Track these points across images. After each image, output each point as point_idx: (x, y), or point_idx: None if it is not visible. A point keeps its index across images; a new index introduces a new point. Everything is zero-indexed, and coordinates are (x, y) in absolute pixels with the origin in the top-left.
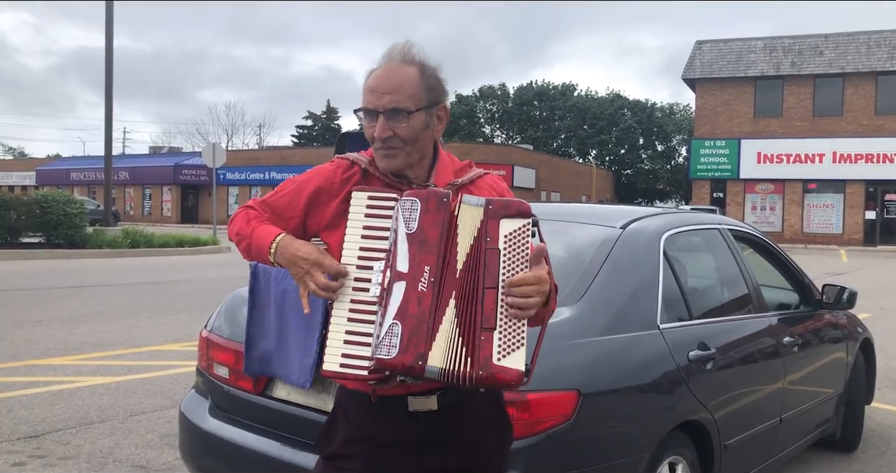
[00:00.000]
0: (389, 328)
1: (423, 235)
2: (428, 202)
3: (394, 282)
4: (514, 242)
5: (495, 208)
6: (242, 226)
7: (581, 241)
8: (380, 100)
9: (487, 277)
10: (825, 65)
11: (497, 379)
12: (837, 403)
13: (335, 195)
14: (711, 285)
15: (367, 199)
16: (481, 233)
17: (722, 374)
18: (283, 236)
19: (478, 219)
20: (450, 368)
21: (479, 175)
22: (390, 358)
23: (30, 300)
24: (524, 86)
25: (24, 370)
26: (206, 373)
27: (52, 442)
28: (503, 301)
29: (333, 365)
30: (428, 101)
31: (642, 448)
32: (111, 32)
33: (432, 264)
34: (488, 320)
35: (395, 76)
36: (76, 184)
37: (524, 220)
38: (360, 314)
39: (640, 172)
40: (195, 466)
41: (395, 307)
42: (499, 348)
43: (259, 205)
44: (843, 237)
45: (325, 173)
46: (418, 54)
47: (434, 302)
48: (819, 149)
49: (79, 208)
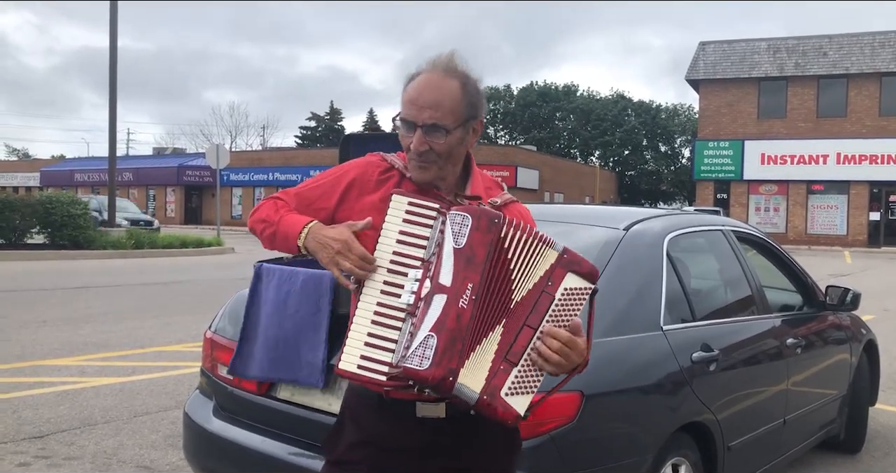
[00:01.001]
0: (424, 339)
1: (472, 252)
2: (480, 220)
3: (434, 294)
4: (570, 298)
5: (569, 260)
6: (271, 214)
7: (584, 243)
8: (420, 114)
9: (532, 316)
10: (829, 66)
11: (496, 411)
12: (841, 405)
13: (370, 192)
14: (715, 286)
15: (406, 205)
16: (546, 275)
17: (725, 376)
18: (315, 223)
19: (549, 262)
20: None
21: (511, 200)
22: (421, 370)
23: (34, 300)
24: (527, 86)
25: (29, 370)
26: (210, 374)
27: (57, 443)
28: (534, 344)
29: (350, 366)
30: (467, 116)
31: (645, 450)
32: (115, 34)
33: (476, 282)
34: (515, 355)
35: (437, 90)
36: (80, 185)
37: (588, 284)
38: (385, 318)
39: (644, 173)
40: (199, 467)
41: (432, 319)
42: (511, 384)
43: (289, 197)
44: (846, 238)
45: (361, 167)
46: (462, 66)
47: (473, 321)
48: (823, 151)
49: (83, 209)
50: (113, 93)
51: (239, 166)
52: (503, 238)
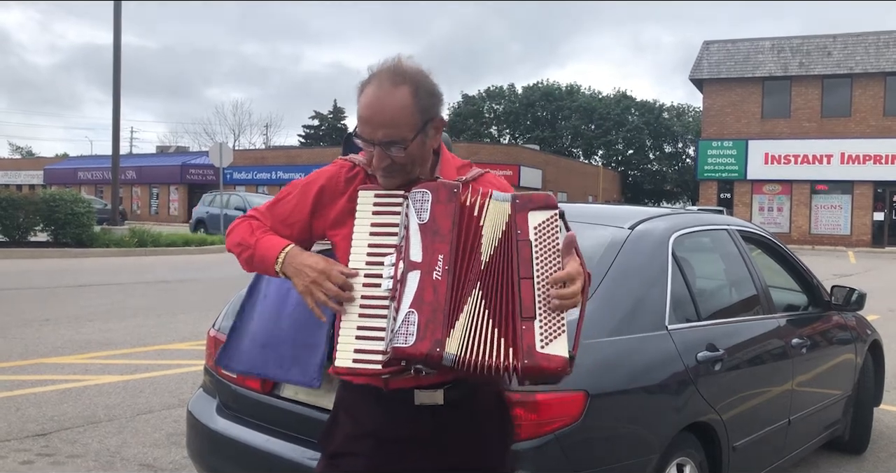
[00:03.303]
0: (406, 317)
1: (436, 225)
2: (438, 193)
3: (408, 272)
4: (545, 233)
5: (522, 201)
6: (246, 236)
7: (589, 242)
8: (374, 133)
9: (522, 268)
10: (833, 65)
11: (542, 367)
12: (846, 405)
13: (340, 194)
14: (720, 286)
15: (373, 197)
16: (511, 226)
17: (730, 375)
18: (292, 247)
19: (506, 213)
20: (473, 357)
21: (480, 173)
22: (407, 347)
23: (38, 298)
24: (531, 86)
25: (33, 368)
26: (214, 373)
27: (60, 441)
28: (541, 292)
29: (346, 361)
30: (423, 122)
31: (650, 449)
32: (119, 33)
33: (446, 253)
34: (528, 309)
35: (388, 108)
36: (84, 184)
37: (551, 211)
38: (371, 309)
39: (648, 173)
40: (203, 465)
41: (410, 296)
42: (541, 336)
43: (262, 214)
44: (850, 238)
45: (328, 173)
46: (408, 69)
47: (450, 290)
48: (827, 150)
49: (86, 207)
50: (117, 91)
51: (242, 165)
52: (464, 205)
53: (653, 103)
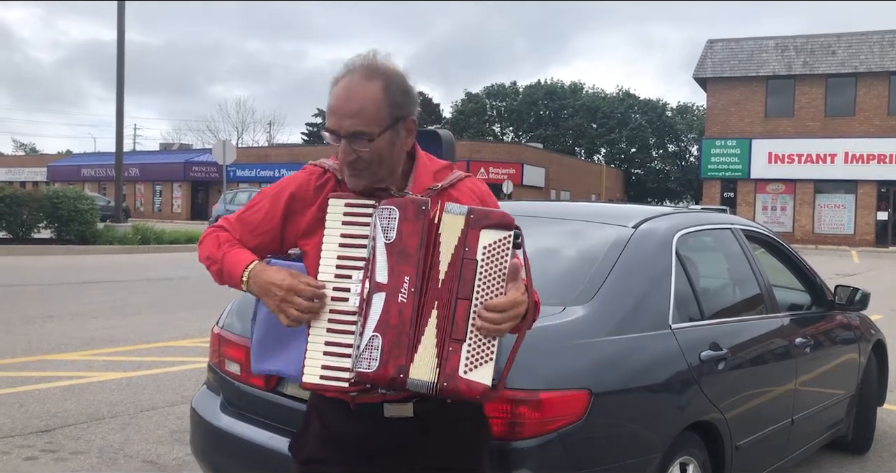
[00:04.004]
0: (370, 341)
1: (402, 244)
2: (406, 210)
3: (373, 294)
4: (493, 254)
5: (476, 217)
6: (213, 250)
7: (593, 241)
8: (340, 124)
9: (462, 288)
10: (837, 64)
11: (460, 392)
12: (849, 405)
13: (310, 203)
14: (723, 285)
15: (343, 206)
16: (461, 243)
17: (733, 375)
18: (256, 264)
19: (459, 228)
20: (429, 379)
21: (459, 178)
22: (370, 372)
23: (41, 295)
24: (533, 84)
25: (36, 365)
26: (217, 370)
27: (64, 437)
28: (475, 315)
29: (313, 378)
30: (392, 119)
31: (653, 448)
32: (122, 31)
33: (412, 274)
34: (458, 331)
35: (357, 98)
36: (87, 181)
37: (505, 232)
38: (339, 324)
39: (651, 172)
40: (206, 462)
41: (374, 319)
42: (466, 361)
43: (231, 224)
44: (854, 238)
45: (298, 181)
46: (383, 66)
47: (415, 313)
48: (831, 150)
49: (90, 204)
50: (120, 88)
51: (245, 162)
52: (437, 223)
53: (656, 102)
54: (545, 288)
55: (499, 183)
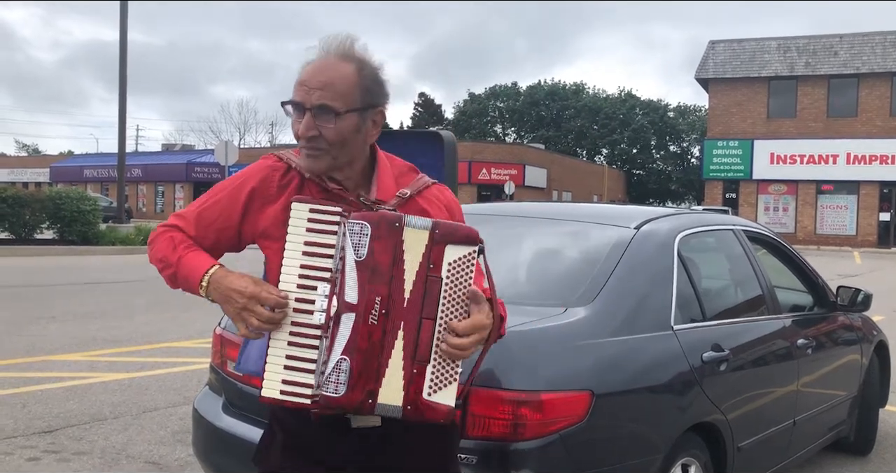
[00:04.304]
0: (337, 364)
1: (374, 262)
2: (379, 227)
3: (342, 314)
4: (458, 271)
5: (442, 233)
6: (167, 253)
7: (595, 242)
8: (308, 96)
9: (426, 307)
10: (840, 65)
11: (424, 415)
12: (851, 406)
13: (271, 201)
14: (725, 286)
15: (308, 212)
16: (425, 259)
17: (735, 376)
18: (217, 269)
19: (423, 244)
20: (398, 404)
21: (426, 185)
22: (339, 396)
23: (44, 296)
24: (535, 84)
25: (39, 365)
26: (219, 370)
27: (67, 438)
28: (440, 336)
29: (273, 392)
30: (362, 103)
31: (655, 450)
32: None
33: (384, 295)
34: (422, 353)
35: (330, 71)
36: (89, 181)
37: (470, 248)
38: (301, 337)
39: (653, 173)
40: (208, 463)
41: (342, 341)
42: (430, 383)
43: (186, 221)
44: (856, 239)
45: (259, 174)
46: (359, 51)
47: (383, 336)
48: (833, 150)
49: (92, 205)
50: (123, 89)
51: (247, 163)
52: (402, 239)
53: (658, 102)
54: (547, 289)
55: (501, 184)
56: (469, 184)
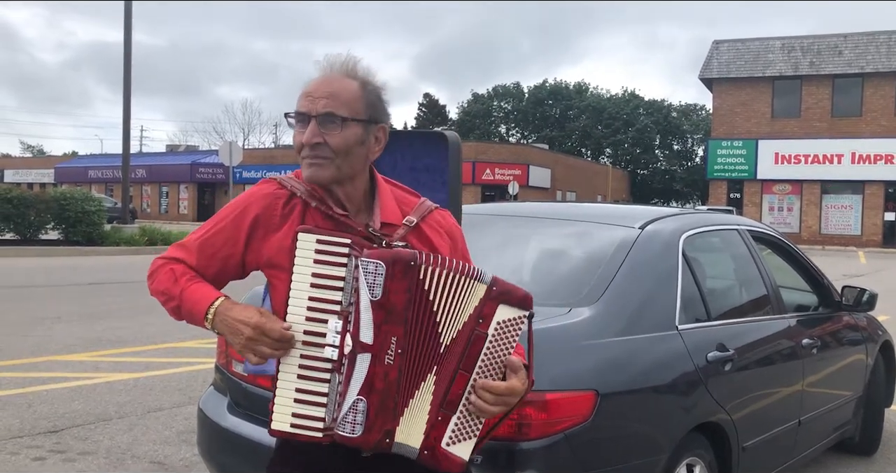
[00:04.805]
0: (353, 404)
1: (389, 303)
2: (395, 266)
3: (357, 354)
4: (504, 332)
5: (499, 291)
6: (169, 286)
7: (599, 242)
8: (314, 105)
9: (466, 359)
10: (844, 65)
11: (440, 465)
12: (857, 406)
13: (275, 229)
14: (730, 286)
15: (315, 243)
16: (476, 313)
17: (740, 376)
18: (222, 301)
19: (478, 297)
20: (416, 445)
21: (429, 210)
22: (355, 437)
23: (49, 296)
24: (539, 85)
25: (44, 365)
26: (224, 371)
27: (72, 437)
28: (471, 390)
29: (283, 425)
30: (367, 116)
31: (660, 449)
32: (129, 33)
33: (399, 335)
34: (452, 403)
35: (335, 83)
36: (94, 182)
37: (522, 312)
38: (310, 371)
39: (657, 172)
40: (213, 463)
41: (358, 382)
42: (451, 433)
43: (185, 252)
44: (861, 238)
45: (262, 202)
46: (362, 70)
47: (401, 375)
48: (837, 150)
49: (97, 206)
50: (127, 90)
51: (251, 163)
52: (423, 279)
53: (661, 102)
54: (552, 289)
55: (504, 184)
56: (473, 184)
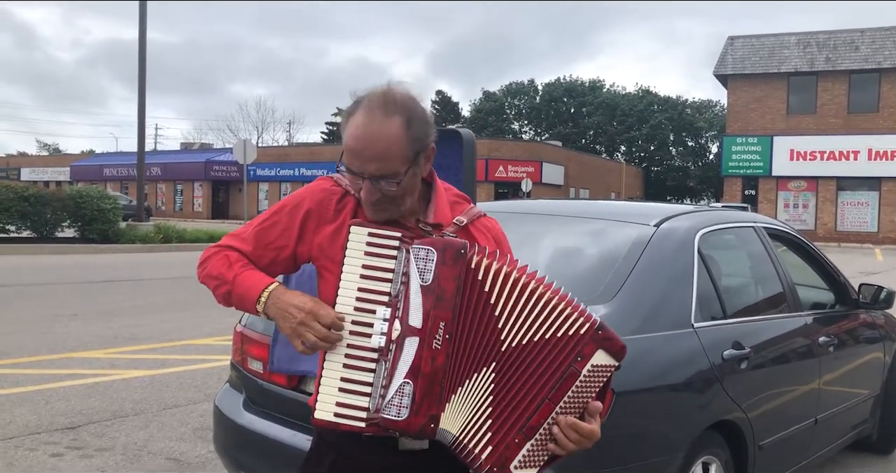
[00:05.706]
0: (400, 387)
1: (440, 288)
2: (445, 253)
3: (405, 337)
4: (594, 376)
5: (603, 336)
6: (223, 271)
7: (615, 239)
8: (365, 167)
9: (557, 391)
10: (861, 60)
11: None
12: (874, 404)
13: (328, 221)
14: (746, 284)
15: (367, 236)
16: (578, 348)
17: (756, 374)
18: (276, 286)
19: (578, 332)
20: (464, 438)
21: (477, 215)
22: (400, 420)
23: (65, 294)
24: (553, 82)
25: (61, 362)
26: (240, 368)
27: (89, 434)
28: (553, 422)
29: (327, 414)
30: (415, 154)
31: (676, 448)
32: (144, 32)
33: (447, 320)
34: (532, 429)
35: (380, 140)
36: (109, 180)
37: (614, 362)
38: (356, 360)
39: (671, 169)
40: (229, 460)
41: (406, 364)
42: (523, 457)
43: (240, 241)
44: (878, 235)
45: (316, 197)
46: (401, 98)
47: (450, 360)
48: (854, 147)
49: (112, 203)
50: (142, 88)
51: (265, 161)
52: (474, 268)
53: (675, 99)
54: (567, 287)
55: (518, 181)
56: (486, 181)
